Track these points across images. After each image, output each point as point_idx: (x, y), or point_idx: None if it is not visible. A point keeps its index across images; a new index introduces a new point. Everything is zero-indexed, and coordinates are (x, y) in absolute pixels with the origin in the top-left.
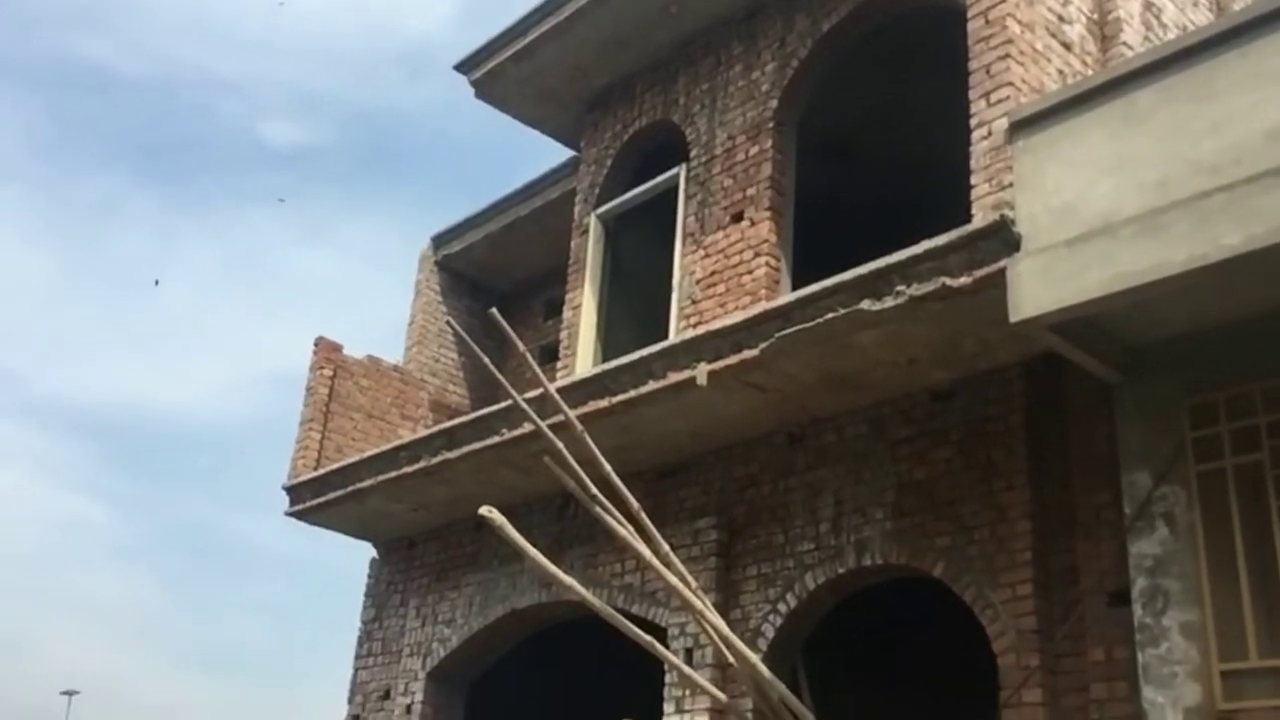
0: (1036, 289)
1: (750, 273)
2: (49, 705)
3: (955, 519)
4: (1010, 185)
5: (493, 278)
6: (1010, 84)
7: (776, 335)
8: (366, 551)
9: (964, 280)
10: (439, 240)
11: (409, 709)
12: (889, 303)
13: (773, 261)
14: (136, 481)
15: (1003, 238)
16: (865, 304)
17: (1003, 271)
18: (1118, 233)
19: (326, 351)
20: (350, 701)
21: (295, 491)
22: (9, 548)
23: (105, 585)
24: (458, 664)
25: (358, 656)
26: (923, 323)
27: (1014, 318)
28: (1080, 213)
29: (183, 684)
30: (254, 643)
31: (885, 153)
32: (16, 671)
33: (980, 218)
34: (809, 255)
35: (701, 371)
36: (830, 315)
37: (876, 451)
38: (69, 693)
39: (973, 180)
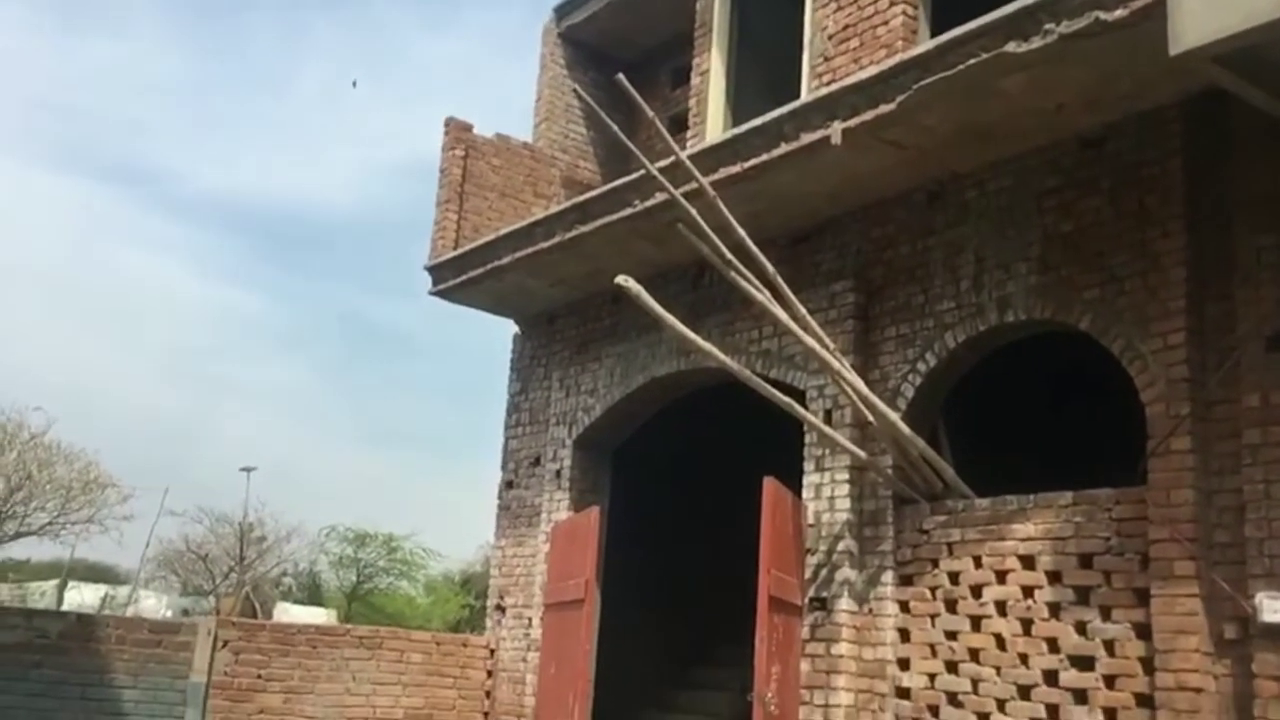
0: (1200, 16)
1: (885, 23)
2: (230, 481)
3: (1104, 270)
4: None
5: (617, 48)
6: None
7: (914, 86)
8: (509, 329)
9: (1120, 13)
10: (561, 10)
11: (558, 474)
12: (1036, 43)
13: (909, 9)
14: (286, 272)
15: None
16: (1011, 46)
17: (1163, 1)
18: None
19: (457, 132)
20: (504, 468)
21: (437, 271)
22: (181, 339)
23: (269, 371)
24: (602, 431)
25: (507, 427)
26: (1073, 63)
27: (1174, 50)
28: None
29: (349, 458)
30: (409, 420)
31: None
32: (198, 452)
33: None
34: (950, 6)
35: (836, 130)
36: (972, 61)
37: (1020, 205)
38: (247, 469)
39: None
